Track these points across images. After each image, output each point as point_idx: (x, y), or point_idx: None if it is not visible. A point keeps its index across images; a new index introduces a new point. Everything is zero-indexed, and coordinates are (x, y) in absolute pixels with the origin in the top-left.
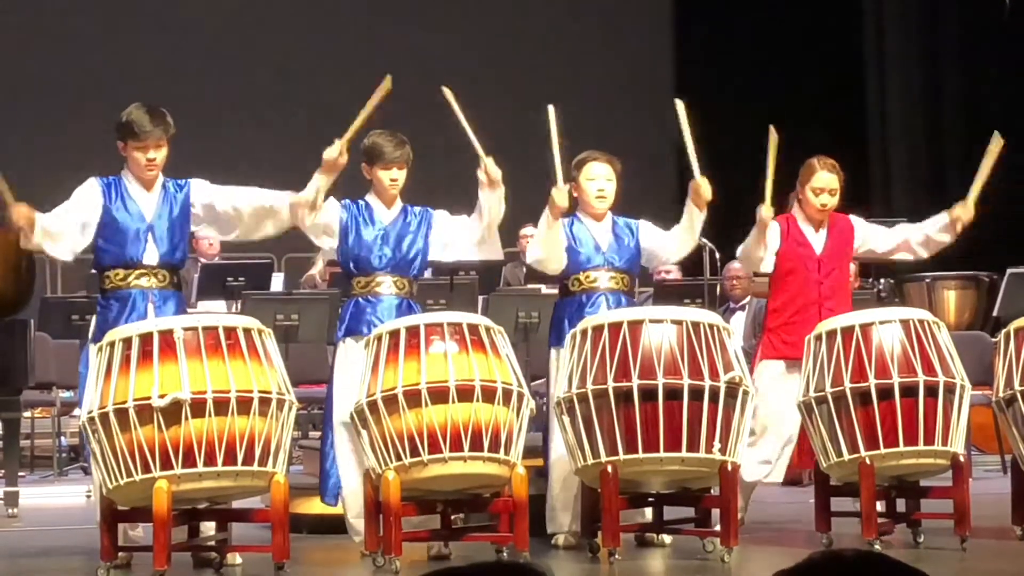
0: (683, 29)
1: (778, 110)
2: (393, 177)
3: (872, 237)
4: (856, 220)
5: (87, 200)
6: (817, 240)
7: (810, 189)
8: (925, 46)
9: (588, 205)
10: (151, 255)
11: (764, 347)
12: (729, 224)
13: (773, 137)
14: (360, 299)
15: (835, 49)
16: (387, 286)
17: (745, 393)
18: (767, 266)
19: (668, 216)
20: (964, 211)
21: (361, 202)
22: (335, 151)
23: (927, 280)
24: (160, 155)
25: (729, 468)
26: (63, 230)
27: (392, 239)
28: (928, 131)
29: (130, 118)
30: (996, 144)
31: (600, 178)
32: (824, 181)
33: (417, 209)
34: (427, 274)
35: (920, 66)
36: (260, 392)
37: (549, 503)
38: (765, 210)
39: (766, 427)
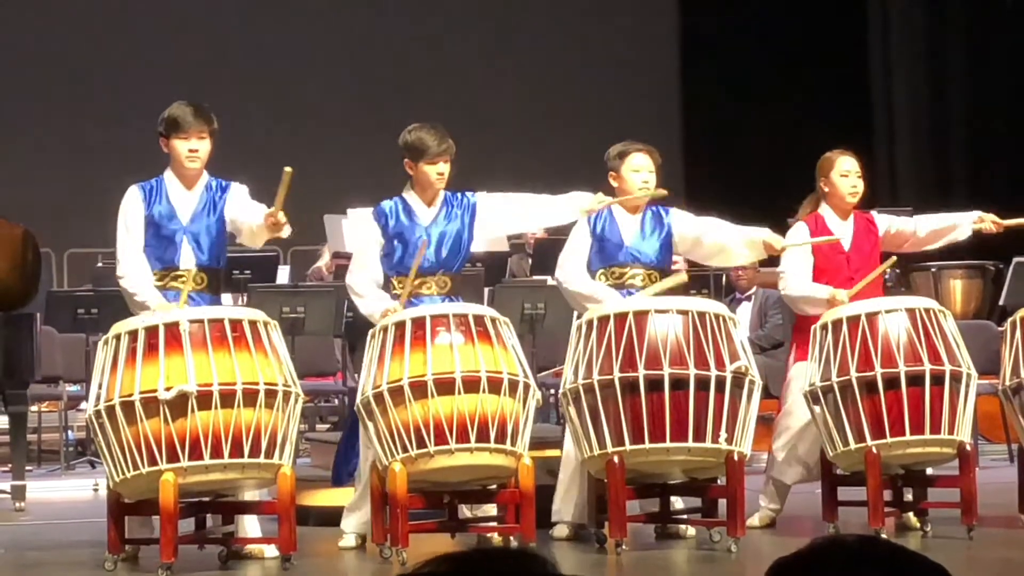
0: (688, 23)
1: (783, 103)
2: (440, 171)
3: (898, 222)
4: (875, 215)
5: (133, 215)
6: (845, 234)
7: (838, 175)
8: (930, 37)
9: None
10: (187, 259)
11: (797, 349)
12: (734, 215)
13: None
14: None
15: (839, 40)
16: (430, 286)
17: (752, 383)
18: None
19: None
20: (992, 225)
21: (399, 202)
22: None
23: (933, 269)
24: (202, 147)
25: (736, 458)
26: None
27: (435, 240)
28: (933, 123)
29: (172, 112)
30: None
31: (644, 169)
32: (849, 164)
33: (459, 197)
34: None
35: (925, 57)
36: (266, 384)
37: (557, 493)
38: (842, 295)
39: (802, 430)
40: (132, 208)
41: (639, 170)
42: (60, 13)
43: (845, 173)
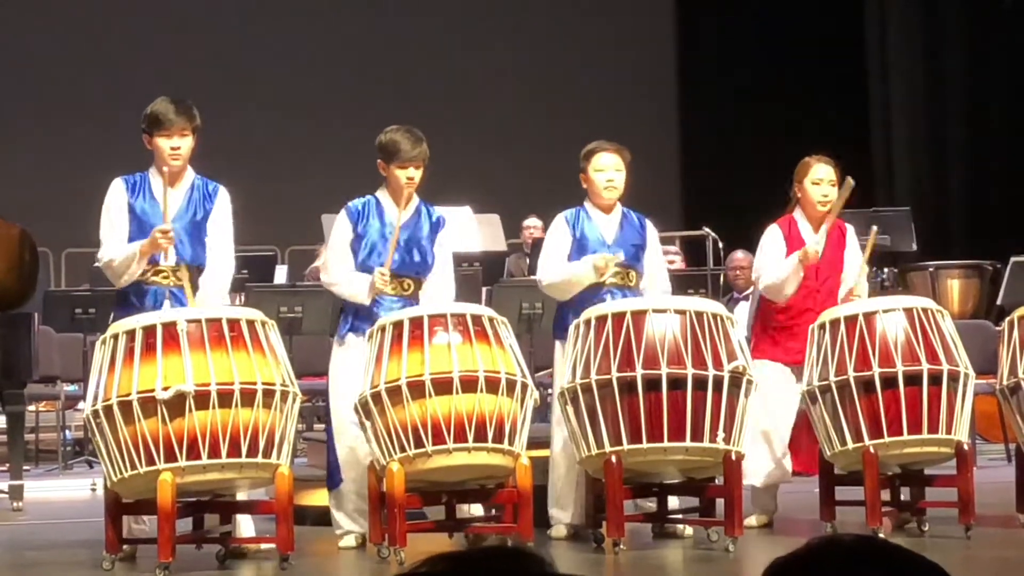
0: (686, 24)
1: (780, 103)
2: (410, 176)
3: (850, 257)
4: (851, 232)
5: (116, 206)
6: (816, 243)
7: (810, 182)
8: (927, 35)
9: (597, 196)
10: (169, 255)
11: (757, 345)
12: (732, 214)
13: (848, 184)
14: None
15: (837, 40)
16: (395, 287)
17: (749, 383)
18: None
19: (669, 213)
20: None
21: (371, 200)
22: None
23: (931, 269)
24: (185, 144)
25: (733, 457)
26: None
27: (402, 241)
28: (930, 120)
29: (155, 109)
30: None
31: (609, 168)
32: (823, 172)
33: (436, 214)
34: None
35: (922, 55)
36: (264, 384)
37: (551, 495)
38: (811, 248)
39: (770, 430)
40: (116, 200)
41: (602, 170)
42: (59, 13)
43: (817, 181)
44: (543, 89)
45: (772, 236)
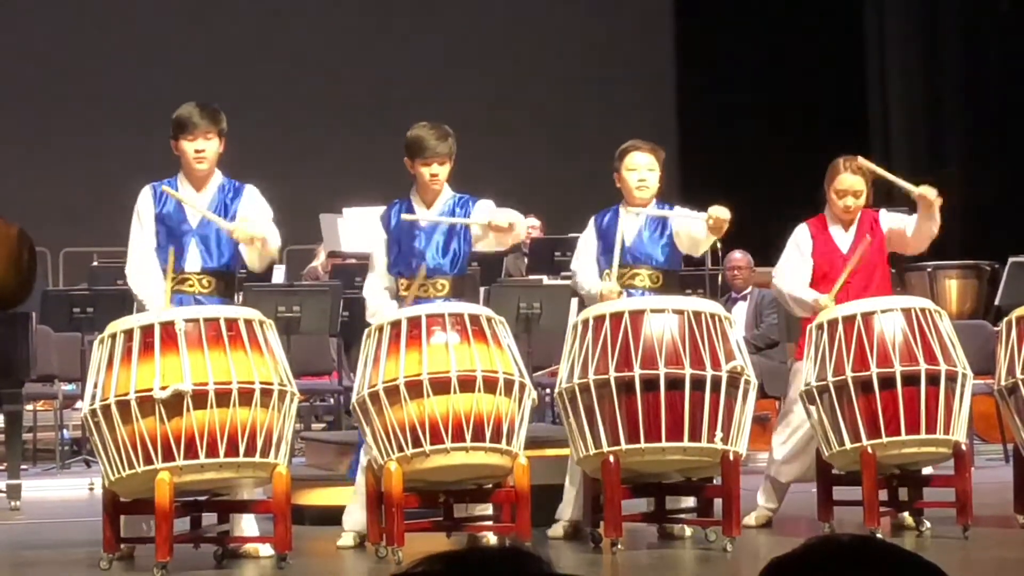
0: (683, 22)
1: (779, 104)
2: (434, 172)
3: (896, 221)
4: (882, 212)
5: (143, 215)
6: (845, 240)
7: (833, 191)
8: (927, 35)
9: (630, 195)
10: (193, 261)
11: (798, 346)
12: (731, 215)
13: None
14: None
15: (836, 38)
16: (426, 289)
17: (747, 383)
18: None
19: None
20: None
21: (404, 203)
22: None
23: (929, 269)
24: (210, 147)
25: (731, 458)
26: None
27: (434, 242)
28: (929, 121)
29: (179, 113)
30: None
31: (641, 168)
32: (847, 183)
33: (463, 200)
34: None
35: (922, 55)
36: (262, 383)
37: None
38: (826, 300)
39: (800, 427)
40: (143, 207)
41: (635, 169)
42: (60, 14)
43: (841, 192)
44: (540, 91)
45: (798, 237)
